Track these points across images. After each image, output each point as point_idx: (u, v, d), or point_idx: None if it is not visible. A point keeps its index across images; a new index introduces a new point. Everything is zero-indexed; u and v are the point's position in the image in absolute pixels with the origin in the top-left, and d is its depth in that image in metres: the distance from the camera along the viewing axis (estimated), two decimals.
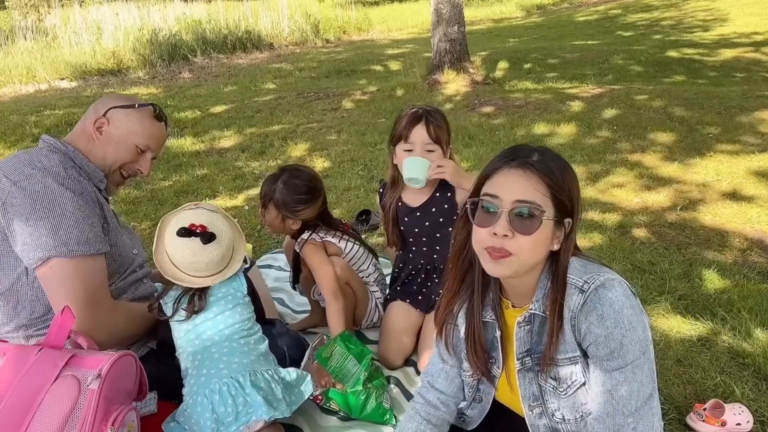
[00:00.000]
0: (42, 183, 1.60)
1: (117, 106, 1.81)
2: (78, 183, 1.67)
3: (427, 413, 1.46)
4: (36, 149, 1.73)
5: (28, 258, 1.58)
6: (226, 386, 1.61)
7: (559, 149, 4.48)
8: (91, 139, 1.78)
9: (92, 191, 1.71)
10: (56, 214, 1.58)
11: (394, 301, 2.22)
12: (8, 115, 6.31)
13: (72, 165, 1.71)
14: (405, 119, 1.97)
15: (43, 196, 1.58)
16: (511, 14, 15.77)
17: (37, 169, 1.62)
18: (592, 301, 1.13)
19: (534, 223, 1.14)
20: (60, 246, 1.57)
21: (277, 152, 4.90)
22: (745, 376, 2.03)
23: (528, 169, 1.17)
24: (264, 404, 1.58)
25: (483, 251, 1.19)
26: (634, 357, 1.13)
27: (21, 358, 1.40)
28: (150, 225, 3.52)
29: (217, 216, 1.75)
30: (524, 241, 1.14)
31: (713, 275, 2.66)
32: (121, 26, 10.42)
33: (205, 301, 1.72)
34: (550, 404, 1.26)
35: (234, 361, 1.67)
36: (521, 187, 1.16)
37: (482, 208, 1.19)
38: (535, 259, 1.18)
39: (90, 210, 1.66)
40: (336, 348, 1.94)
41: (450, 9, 6.71)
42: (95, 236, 1.64)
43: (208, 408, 1.58)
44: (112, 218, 1.80)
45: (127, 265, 1.83)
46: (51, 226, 1.57)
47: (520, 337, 1.27)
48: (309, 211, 2.10)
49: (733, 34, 10.08)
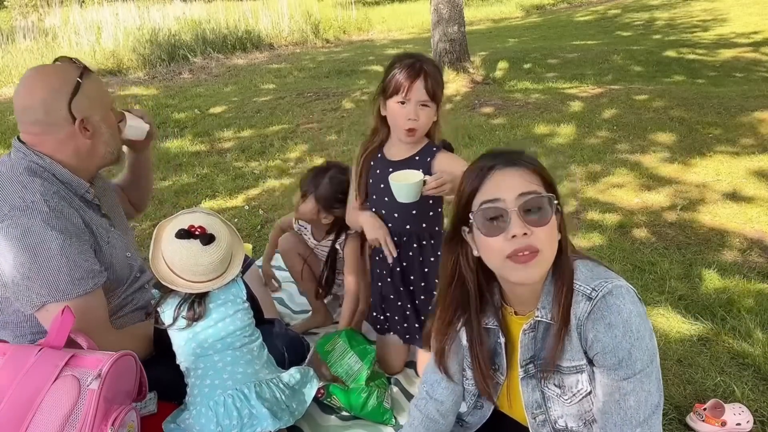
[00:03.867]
0: (24, 227, 1.48)
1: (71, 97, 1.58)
2: (62, 216, 1.54)
3: (426, 428, 1.43)
4: (14, 170, 1.57)
5: (23, 306, 1.53)
6: (231, 398, 1.60)
7: (559, 149, 4.50)
8: (77, 149, 1.63)
9: (78, 215, 1.60)
10: (43, 259, 1.49)
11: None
12: (8, 116, 6.31)
13: (54, 191, 1.57)
14: (402, 72, 1.80)
15: (26, 240, 1.47)
16: (510, 14, 15.76)
17: (16, 209, 1.49)
18: (600, 309, 1.11)
19: (546, 213, 1.11)
20: (53, 292, 1.51)
21: (276, 152, 4.90)
22: (745, 376, 2.03)
23: (515, 165, 1.15)
24: (269, 416, 1.58)
25: (506, 261, 1.12)
26: (643, 366, 1.11)
27: (21, 358, 1.40)
28: (150, 225, 3.52)
29: (215, 219, 1.73)
30: (543, 233, 1.11)
31: (713, 275, 2.66)
32: (121, 26, 10.41)
33: (205, 307, 1.69)
34: (554, 412, 1.25)
35: (238, 371, 1.66)
36: (519, 182, 1.13)
37: (486, 217, 1.12)
38: (554, 252, 1.14)
39: (78, 244, 1.55)
40: (339, 342, 1.93)
41: (450, 9, 6.71)
42: (87, 272, 1.56)
43: (213, 420, 1.57)
44: (103, 231, 1.69)
45: (127, 276, 1.78)
46: (40, 272, 1.49)
47: (525, 344, 1.24)
48: (344, 211, 2.14)
49: (732, 33, 10.08)
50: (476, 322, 1.27)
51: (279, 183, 4.21)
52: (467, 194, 1.17)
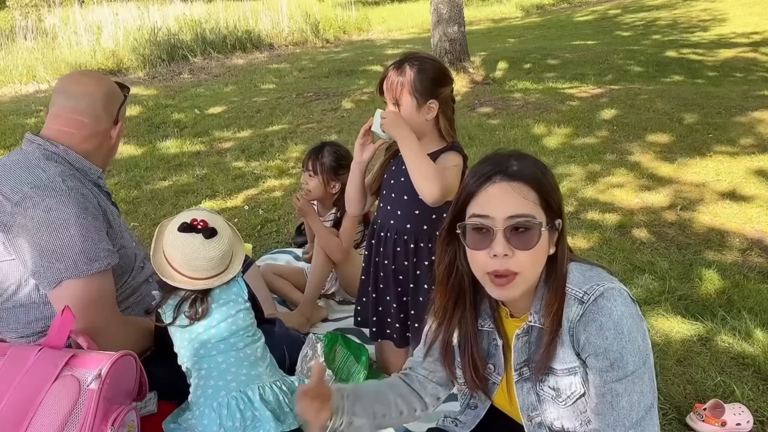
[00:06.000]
0: (44, 203, 1.55)
1: (121, 105, 1.81)
2: (80, 195, 1.61)
3: (390, 386, 1.37)
4: (29, 157, 1.65)
5: (41, 282, 1.58)
6: (235, 400, 1.60)
7: (558, 149, 4.51)
8: (100, 146, 1.77)
9: (94, 197, 1.68)
10: (62, 236, 1.55)
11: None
12: (8, 115, 6.31)
13: (71, 173, 1.65)
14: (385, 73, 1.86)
15: (46, 218, 1.54)
16: (510, 14, 15.76)
17: (36, 188, 1.56)
18: (591, 311, 1.10)
19: (532, 237, 1.10)
20: (71, 267, 1.55)
21: (276, 152, 4.90)
22: (745, 376, 2.03)
23: (513, 181, 1.12)
24: (272, 419, 1.58)
25: (485, 276, 1.13)
26: (635, 367, 1.10)
27: (21, 358, 1.40)
28: (150, 225, 3.52)
29: (217, 217, 1.73)
30: (525, 257, 1.10)
31: (713, 275, 2.66)
32: (121, 26, 10.41)
33: (207, 306, 1.68)
34: (549, 414, 1.24)
35: (242, 372, 1.66)
36: (511, 201, 1.10)
37: (474, 230, 1.12)
38: (538, 272, 1.15)
39: (95, 223, 1.62)
40: (339, 348, 1.94)
41: (450, 9, 6.71)
42: (102, 251, 1.62)
43: (216, 422, 1.57)
44: (115, 217, 1.78)
45: (132, 263, 1.83)
46: (58, 248, 1.54)
47: (519, 348, 1.24)
48: (348, 176, 2.16)
49: (732, 34, 10.08)
50: (471, 319, 1.27)
51: (279, 183, 4.21)
52: (463, 198, 1.17)
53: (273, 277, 2.67)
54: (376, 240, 1.99)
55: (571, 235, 3.13)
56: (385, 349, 2.11)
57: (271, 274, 2.68)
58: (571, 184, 3.84)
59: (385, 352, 2.12)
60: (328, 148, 2.57)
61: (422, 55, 1.87)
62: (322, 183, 2.55)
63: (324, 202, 2.66)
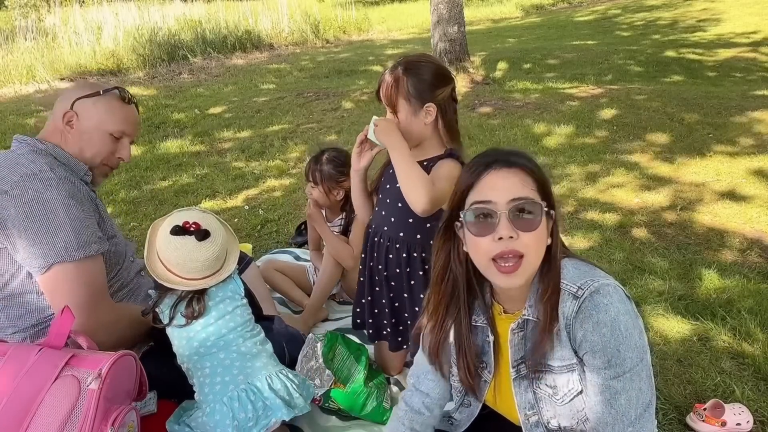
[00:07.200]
0: (33, 190, 1.57)
1: (82, 96, 1.77)
2: (69, 183, 1.65)
3: (411, 420, 1.43)
4: (17, 153, 1.68)
5: (31, 267, 1.59)
6: (245, 392, 1.61)
7: (558, 149, 4.51)
8: (64, 134, 1.76)
9: (82, 188, 1.71)
10: (51, 221, 1.57)
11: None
12: (7, 115, 6.31)
13: (58, 164, 1.69)
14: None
15: (35, 204, 1.57)
16: (510, 14, 15.77)
17: (25, 176, 1.59)
18: (587, 308, 1.11)
19: (535, 218, 1.12)
20: (60, 251, 1.57)
21: (276, 152, 4.90)
22: (745, 376, 2.03)
23: (513, 167, 1.15)
24: (283, 405, 1.60)
25: (490, 264, 1.14)
26: (632, 365, 1.11)
27: (21, 358, 1.40)
28: (150, 225, 3.51)
29: (210, 216, 1.72)
30: (529, 239, 1.12)
31: (713, 275, 2.66)
32: (121, 26, 10.41)
33: (204, 304, 1.68)
34: (546, 412, 1.24)
35: (247, 365, 1.66)
36: (512, 186, 1.13)
37: (477, 216, 1.14)
38: (540, 257, 1.16)
39: (84, 210, 1.65)
40: (338, 348, 1.94)
41: (450, 9, 6.71)
42: (93, 236, 1.65)
43: (228, 416, 1.57)
44: (103, 209, 1.81)
45: (123, 253, 1.86)
46: (48, 233, 1.56)
47: (515, 344, 1.24)
48: (350, 183, 2.14)
49: (731, 33, 10.08)
50: (465, 318, 1.28)
51: (279, 183, 4.21)
52: (462, 190, 1.19)
53: (273, 273, 2.66)
54: (371, 244, 1.96)
55: (571, 235, 3.13)
56: (383, 349, 2.11)
57: (272, 270, 2.67)
58: (571, 184, 3.84)
59: (384, 352, 2.11)
60: (326, 155, 2.54)
61: (418, 58, 1.83)
62: (324, 192, 2.53)
63: (332, 209, 2.66)
